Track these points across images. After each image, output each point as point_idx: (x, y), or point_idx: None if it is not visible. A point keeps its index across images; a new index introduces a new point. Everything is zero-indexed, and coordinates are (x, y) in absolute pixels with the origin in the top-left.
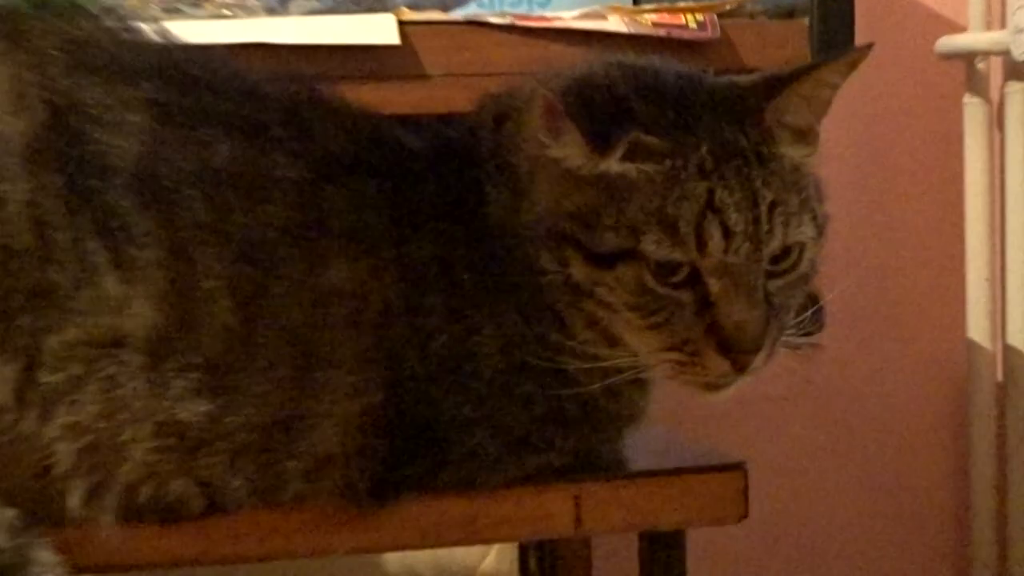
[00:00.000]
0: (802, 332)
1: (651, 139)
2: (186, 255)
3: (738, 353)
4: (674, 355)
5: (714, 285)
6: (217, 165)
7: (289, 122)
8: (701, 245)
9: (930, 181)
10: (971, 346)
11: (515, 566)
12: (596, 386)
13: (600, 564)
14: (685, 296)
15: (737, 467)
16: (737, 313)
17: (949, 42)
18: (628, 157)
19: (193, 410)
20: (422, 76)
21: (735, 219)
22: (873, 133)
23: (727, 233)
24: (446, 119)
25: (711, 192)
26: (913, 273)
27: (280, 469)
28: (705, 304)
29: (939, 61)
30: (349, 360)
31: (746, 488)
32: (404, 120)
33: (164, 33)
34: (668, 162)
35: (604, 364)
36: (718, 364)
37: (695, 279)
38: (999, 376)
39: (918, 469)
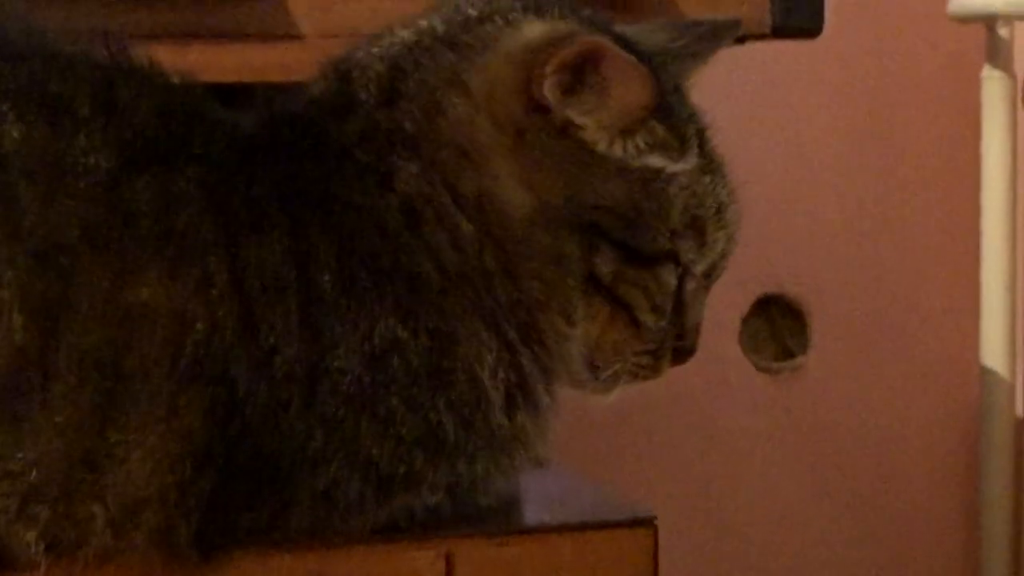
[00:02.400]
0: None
1: (680, 127)
2: None
3: (686, 356)
4: (646, 359)
5: (692, 288)
6: (6, 149)
7: (96, 97)
8: (708, 249)
9: (941, 168)
10: (985, 373)
11: None
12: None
13: None
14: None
15: (645, 522)
16: (695, 317)
17: (966, 2)
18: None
19: None
20: (293, 36)
21: (729, 219)
22: (874, 110)
23: (727, 237)
24: (285, 91)
25: (716, 190)
26: (917, 280)
27: (83, 516)
28: (680, 305)
29: (954, 25)
30: (163, 381)
31: (655, 548)
32: (259, 90)
33: None
34: (694, 158)
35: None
36: (667, 367)
37: (680, 279)
38: (1019, 410)
39: (921, 519)
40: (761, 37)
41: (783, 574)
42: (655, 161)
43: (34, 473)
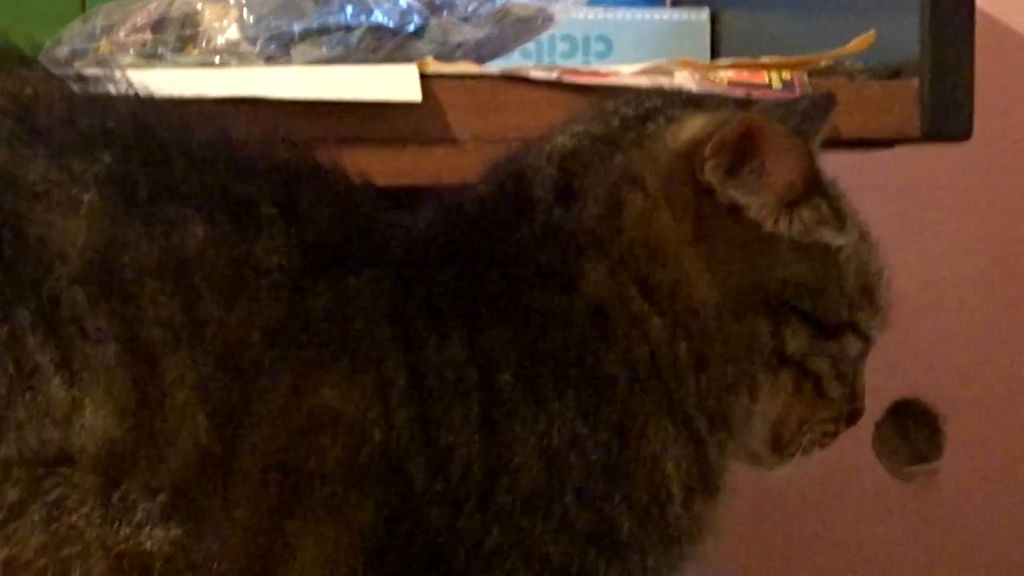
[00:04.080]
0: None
1: (835, 199)
2: (152, 358)
3: (858, 417)
4: (830, 426)
5: (862, 352)
6: (190, 250)
7: (279, 199)
8: (879, 313)
9: None
10: None
11: None
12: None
13: None
14: None
15: None
16: (863, 378)
17: None
18: (826, 222)
19: (161, 536)
20: (448, 140)
21: (886, 281)
22: (1012, 215)
23: (887, 299)
24: (454, 194)
25: (873, 255)
26: None
27: None
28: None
29: None
30: (340, 481)
31: None
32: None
33: (131, 87)
34: (854, 228)
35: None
36: (844, 430)
37: None
38: None
39: None
40: (911, 141)
41: None
42: (825, 236)
43: (215, 565)
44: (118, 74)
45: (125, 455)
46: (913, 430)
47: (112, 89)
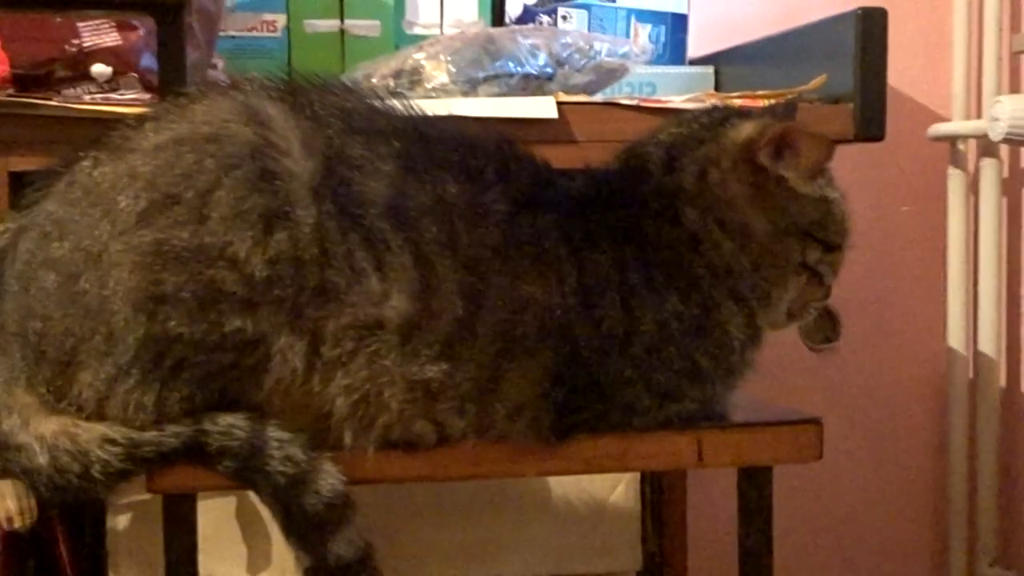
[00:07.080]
0: (826, 339)
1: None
2: (429, 265)
3: (828, 297)
4: (819, 304)
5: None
6: (447, 199)
7: (497, 167)
8: (849, 236)
9: (922, 233)
10: (949, 351)
11: (637, 496)
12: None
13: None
14: None
15: (815, 421)
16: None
17: (937, 128)
18: (829, 184)
19: (436, 370)
20: (573, 141)
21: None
22: (875, 196)
23: None
24: (605, 169)
25: (844, 204)
26: (905, 301)
27: (491, 412)
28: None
29: (929, 143)
30: (534, 337)
31: (821, 436)
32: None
33: (408, 104)
34: (837, 189)
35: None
36: (823, 305)
37: None
38: (971, 375)
39: (906, 449)
40: (847, 142)
41: (815, 488)
42: (828, 193)
43: (464, 387)
44: (400, 99)
45: (415, 323)
46: (822, 320)
47: (396, 106)
